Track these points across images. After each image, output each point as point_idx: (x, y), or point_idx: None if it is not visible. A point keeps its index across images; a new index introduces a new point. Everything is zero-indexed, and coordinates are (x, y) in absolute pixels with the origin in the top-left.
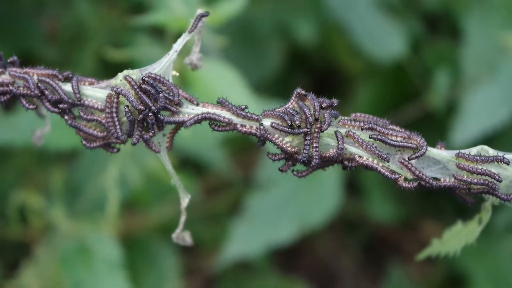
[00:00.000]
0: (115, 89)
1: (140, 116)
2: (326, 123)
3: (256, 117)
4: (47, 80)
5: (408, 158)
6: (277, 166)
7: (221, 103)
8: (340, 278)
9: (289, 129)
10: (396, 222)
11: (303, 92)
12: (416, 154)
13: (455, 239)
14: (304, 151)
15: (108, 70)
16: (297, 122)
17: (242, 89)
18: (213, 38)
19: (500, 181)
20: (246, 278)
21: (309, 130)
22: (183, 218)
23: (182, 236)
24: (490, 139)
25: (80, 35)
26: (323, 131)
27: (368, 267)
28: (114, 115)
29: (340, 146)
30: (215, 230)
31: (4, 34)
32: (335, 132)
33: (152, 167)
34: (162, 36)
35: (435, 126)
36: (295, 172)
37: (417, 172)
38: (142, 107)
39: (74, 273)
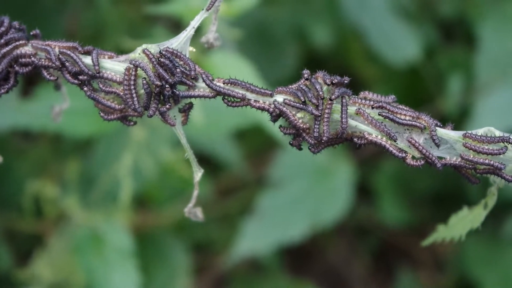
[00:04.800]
0: (133, 62)
1: (157, 88)
2: (335, 94)
3: (270, 92)
4: (68, 52)
5: (431, 135)
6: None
7: (232, 83)
8: (350, 283)
9: (301, 105)
10: (408, 228)
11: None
12: (432, 131)
13: (460, 224)
14: (316, 127)
15: None
16: (313, 100)
17: (256, 81)
18: (229, 31)
19: (503, 153)
20: (257, 279)
21: (320, 106)
22: (195, 193)
23: (194, 211)
24: None
25: (100, 32)
26: (332, 100)
27: (378, 272)
28: (132, 87)
29: (344, 120)
30: (227, 231)
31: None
32: (341, 107)
33: (167, 159)
34: (179, 29)
35: None
36: (310, 147)
37: (424, 150)
38: (159, 81)
39: (87, 261)
